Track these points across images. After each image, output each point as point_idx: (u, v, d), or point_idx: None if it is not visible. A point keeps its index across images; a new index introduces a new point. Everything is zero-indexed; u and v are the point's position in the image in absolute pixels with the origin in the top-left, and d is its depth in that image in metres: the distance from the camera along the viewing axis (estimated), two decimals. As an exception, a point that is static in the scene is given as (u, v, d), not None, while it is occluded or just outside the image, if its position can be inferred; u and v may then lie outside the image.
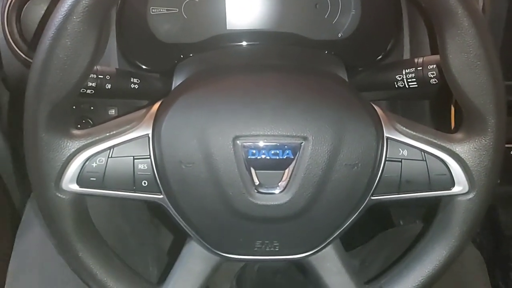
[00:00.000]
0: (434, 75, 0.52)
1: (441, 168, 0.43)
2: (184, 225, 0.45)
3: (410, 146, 0.43)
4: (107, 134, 0.42)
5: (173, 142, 0.41)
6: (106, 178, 0.41)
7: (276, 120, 0.41)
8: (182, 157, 0.41)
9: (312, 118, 0.41)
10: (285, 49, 0.61)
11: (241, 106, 0.42)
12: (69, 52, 0.37)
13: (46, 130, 0.39)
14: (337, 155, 0.41)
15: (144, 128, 0.42)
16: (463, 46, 0.39)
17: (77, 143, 0.41)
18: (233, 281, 0.83)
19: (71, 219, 0.43)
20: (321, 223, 0.44)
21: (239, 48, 0.62)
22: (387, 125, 0.43)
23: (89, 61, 0.38)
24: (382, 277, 0.49)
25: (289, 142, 0.41)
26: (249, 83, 0.44)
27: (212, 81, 0.45)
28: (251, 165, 0.41)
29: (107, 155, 0.41)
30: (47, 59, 0.37)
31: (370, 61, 0.62)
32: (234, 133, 0.41)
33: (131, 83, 0.56)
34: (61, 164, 0.40)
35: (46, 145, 0.39)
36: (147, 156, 0.42)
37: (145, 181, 0.42)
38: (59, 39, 0.36)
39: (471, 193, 0.43)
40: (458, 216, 0.44)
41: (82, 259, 0.44)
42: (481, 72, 0.39)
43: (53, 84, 0.38)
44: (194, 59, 0.60)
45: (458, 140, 0.43)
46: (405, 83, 0.55)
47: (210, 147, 0.41)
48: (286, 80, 0.44)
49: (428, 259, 0.46)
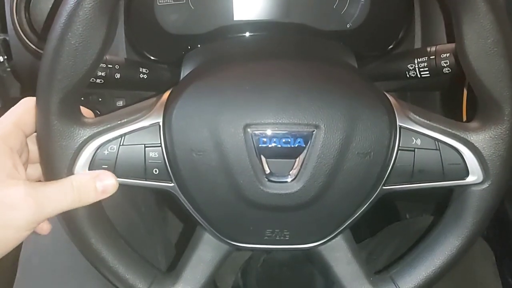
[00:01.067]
0: (447, 64, 0.52)
1: (455, 157, 0.42)
2: (195, 213, 0.45)
3: (423, 135, 0.42)
4: (119, 122, 0.41)
5: (183, 130, 0.41)
6: (117, 166, 0.41)
7: (288, 108, 0.41)
8: (192, 145, 0.41)
9: (324, 106, 0.41)
10: (294, 39, 0.61)
11: (252, 94, 0.41)
12: (81, 39, 0.37)
13: (59, 118, 0.39)
14: (349, 143, 0.41)
15: (155, 117, 0.42)
16: (481, 32, 0.38)
17: (89, 131, 0.41)
18: (238, 273, 0.83)
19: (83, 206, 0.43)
20: (332, 213, 0.44)
21: (247, 38, 0.61)
22: (400, 113, 0.43)
23: (100, 48, 0.38)
24: (392, 267, 0.49)
25: (300, 130, 0.41)
26: (259, 71, 0.44)
27: (222, 69, 0.44)
28: (261, 154, 0.41)
29: (119, 143, 0.41)
30: (59, 46, 0.37)
31: (380, 51, 0.62)
32: (245, 121, 0.40)
33: (140, 73, 0.56)
34: (74, 151, 0.40)
35: (58, 133, 0.39)
36: (158, 144, 0.41)
37: (156, 169, 0.42)
38: (71, 25, 0.36)
39: (485, 183, 0.43)
40: (472, 207, 0.44)
41: (94, 246, 0.44)
42: (498, 59, 0.38)
43: (65, 71, 0.37)
44: (202, 50, 0.59)
45: (473, 129, 0.42)
46: (417, 72, 0.54)
47: (221, 135, 0.40)
48: (297, 68, 0.44)
49: (440, 249, 0.46)
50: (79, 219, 0.42)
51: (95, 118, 0.42)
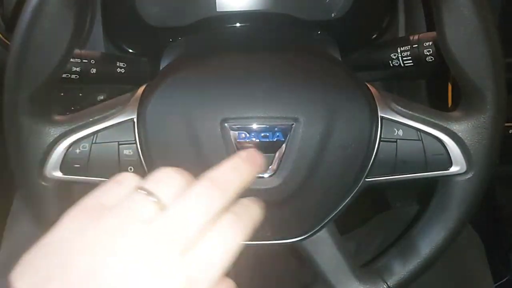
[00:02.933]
0: (430, 53, 0.51)
1: (438, 147, 0.41)
2: None
3: (405, 125, 0.41)
4: (90, 120, 0.40)
5: (158, 126, 0.40)
6: (90, 165, 0.40)
7: (265, 101, 0.40)
8: (167, 142, 0.40)
9: (303, 98, 0.40)
10: (276, 30, 0.60)
11: (229, 87, 0.40)
12: (47, 34, 0.35)
13: (27, 116, 0.38)
14: (330, 136, 0.40)
15: (129, 113, 0.41)
16: (461, 19, 0.37)
17: (59, 129, 0.39)
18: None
19: (56, 207, 0.42)
20: (314, 207, 0.43)
21: (229, 30, 0.60)
22: (382, 104, 0.42)
23: (68, 43, 0.37)
24: (378, 260, 0.48)
25: (279, 123, 0.40)
26: (237, 64, 0.42)
27: (198, 62, 0.43)
28: (240, 149, 0.40)
29: (91, 141, 0.40)
30: (24, 42, 0.36)
31: (365, 41, 0.61)
32: (222, 116, 0.39)
33: (117, 67, 0.55)
34: (43, 150, 0.39)
35: (27, 131, 0.38)
36: (133, 141, 0.40)
37: (131, 167, 0.41)
38: (36, 20, 0.35)
39: (469, 173, 0.42)
40: (456, 197, 0.43)
41: None
42: (479, 46, 0.38)
43: (32, 68, 0.36)
44: (182, 42, 0.58)
45: (456, 118, 0.41)
46: (400, 61, 0.53)
47: (197, 130, 0.39)
48: (276, 60, 0.43)
49: (425, 241, 0.45)
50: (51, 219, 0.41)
51: (66, 116, 0.41)
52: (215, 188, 0.26)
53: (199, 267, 0.24)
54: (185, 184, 0.27)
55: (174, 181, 0.27)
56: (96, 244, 0.24)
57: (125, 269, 0.23)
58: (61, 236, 0.25)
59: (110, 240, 0.24)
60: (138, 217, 0.25)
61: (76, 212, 0.26)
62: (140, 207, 0.25)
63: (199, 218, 0.25)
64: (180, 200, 0.26)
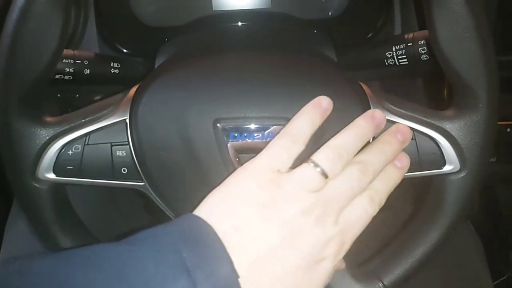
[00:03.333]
0: (425, 51, 0.50)
1: (431, 146, 0.41)
2: (168, 212, 0.43)
3: None
4: (83, 121, 0.40)
5: (151, 126, 0.40)
6: (83, 166, 0.40)
7: (258, 101, 0.39)
8: (160, 142, 0.40)
9: (295, 98, 0.39)
10: (272, 29, 0.59)
11: (222, 87, 0.40)
12: (35, 35, 0.35)
13: (17, 118, 0.38)
14: (322, 136, 0.40)
15: (121, 113, 0.41)
16: (452, 17, 0.37)
17: (51, 131, 0.39)
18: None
19: (50, 208, 0.41)
20: None
21: (225, 29, 0.60)
22: (375, 103, 0.41)
23: (57, 44, 0.36)
24: (375, 259, 0.48)
25: (271, 124, 0.39)
26: (229, 63, 0.42)
27: (191, 62, 0.43)
28: (232, 149, 0.40)
29: (83, 142, 0.40)
30: (12, 44, 0.35)
31: (360, 39, 0.60)
32: (214, 116, 0.39)
33: (111, 68, 0.54)
34: (35, 152, 0.39)
35: (18, 134, 0.38)
36: (125, 142, 0.40)
37: (125, 168, 0.41)
38: (24, 21, 0.35)
39: (462, 172, 0.42)
40: (450, 196, 0.43)
41: (64, 249, 0.43)
42: (471, 44, 0.37)
43: (21, 69, 0.36)
44: (177, 42, 0.58)
45: (448, 117, 0.41)
46: (395, 60, 0.53)
47: (190, 131, 0.39)
48: (268, 60, 0.43)
49: (420, 240, 0.45)
50: (45, 221, 0.41)
51: (58, 117, 0.41)
52: (366, 172, 0.35)
53: (349, 224, 0.35)
54: (345, 160, 0.35)
55: (335, 156, 0.35)
56: (279, 205, 0.33)
57: (301, 226, 0.33)
58: (248, 191, 0.33)
59: (289, 205, 0.33)
60: (309, 186, 0.33)
61: (255, 173, 0.34)
62: (310, 177, 0.34)
63: (352, 192, 0.35)
64: (341, 177, 0.34)
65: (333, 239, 0.33)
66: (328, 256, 0.34)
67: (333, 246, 0.34)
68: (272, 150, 0.35)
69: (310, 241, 0.33)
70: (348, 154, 0.35)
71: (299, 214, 0.33)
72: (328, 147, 0.35)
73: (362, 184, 0.35)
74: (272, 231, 0.32)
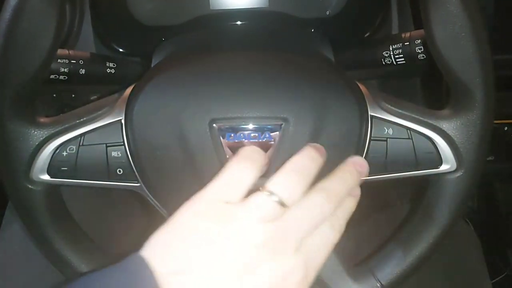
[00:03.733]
0: (422, 50, 0.50)
1: (428, 146, 0.41)
2: (164, 213, 0.43)
3: (395, 124, 0.41)
4: (77, 121, 0.40)
5: (146, 127, 0.39)
6: (78, 168, 0.40)
7: (254, 101, 0.39)
8: (156, 143, 0.39)
9: (292, 98, 0.39)
10: (269, 28, 0.59)
11: (217, 87, 0.40)
12: (28, 35, 0.35)
13: (11, 118, 0.37)
14: (319, 136, 0.40)
15: (116, 114, 0.40)
16: (448, 17, 0.37)
17: (45, 132, 0.39)
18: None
19: (44, 210, 0.41)
20: None
21: (223, 28, 0.60)
22: (372, 103, 0.41)
23: (51, 43, 0.36)
24: (372, 259, 0.48)
25: (268, 124, 0.39)
26: (225, 63, 0.42)
27: (186, 62, 0.43)
28: (229, 149, 0.40)
29: (78, 143, 0.40)
30: (5, 43, 0.35)
31: (358, 38, 0.60)
32: (210, 116, 0.39)
33: (107, 68, 0.54)
34: (29, 154, 0.39)
35: (11, 135, 0.38)
36: (121, 143, 0.40)
37: (120, 169, 0.40)
38: (17, 21, 0.34)
39: (459, 171, 0.41)
40: (447, 195, 0.43)
41: (58, 251, 0.42)
42: (467, 44, 0.37)
43: (14, 69, 0.36)
44: (173, 41, 0.58)
45: (445, 116, 0.41)
46: (393, 59, 0.53)
47: (185, 131, 0.39)
48: (265, 60, 0.43)
49: (417, 240, 0.45)
50: (39, 223, 0.41)
51: (52, 118, 0.40)
52: (330, 200, 0.33)
53: (312, 252, 0.32)
54: (303, 187, 0.32)
55: (291, 183, 0.32)
56: (230, 239, 0.30)
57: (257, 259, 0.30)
58: (194, 228, 0.30)
59: (240, 238, 0.30)
60: (263, 217, 0.30)
61: (202, 207, 0.31)
62: (265, 207, 0.31)
63: (314, 221, 0.32)
64: (303, 204, 0.32)
65: (295, 269, 0.31)
66: (291, 287, 0.31)
67: (295, 277, 0.31)
68: (221, 179, 0.32)
69: (267, 274, 0.30)
70: (309, 177, 0.33)
71: (252, 248, 0.30)
72: (284, 171, 0.32)
73: (325, 213, 0.32)
74: (222, 270, 0.29)
